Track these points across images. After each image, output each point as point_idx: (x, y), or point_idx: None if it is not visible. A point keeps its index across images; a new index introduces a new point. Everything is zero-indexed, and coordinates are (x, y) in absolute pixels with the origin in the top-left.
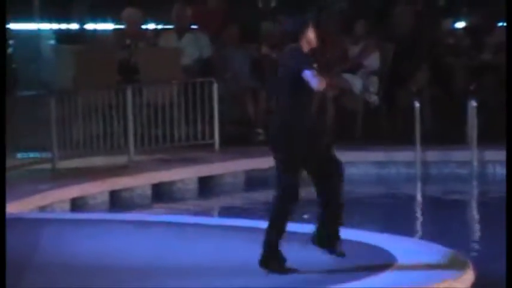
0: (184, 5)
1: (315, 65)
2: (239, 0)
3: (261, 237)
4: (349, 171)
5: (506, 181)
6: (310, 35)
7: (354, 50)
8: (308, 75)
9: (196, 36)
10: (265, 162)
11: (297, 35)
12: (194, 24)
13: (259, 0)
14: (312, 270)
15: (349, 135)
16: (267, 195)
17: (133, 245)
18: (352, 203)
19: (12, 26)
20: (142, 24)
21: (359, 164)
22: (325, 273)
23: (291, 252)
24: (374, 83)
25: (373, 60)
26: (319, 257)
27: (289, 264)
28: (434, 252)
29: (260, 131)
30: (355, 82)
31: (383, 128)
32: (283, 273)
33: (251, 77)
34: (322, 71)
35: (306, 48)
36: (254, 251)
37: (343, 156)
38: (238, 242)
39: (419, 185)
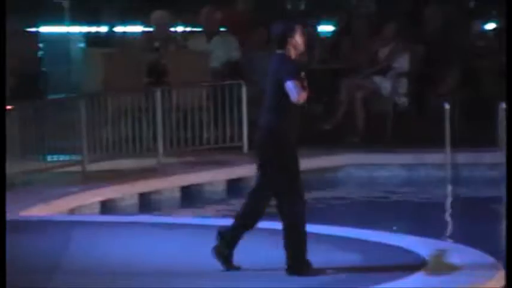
0: (213, 8)
1: (302, 74)
2: (268, 3)
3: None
4: (379, 173)
5: (507, 181)
6: (298, 40)
7: (384, 52)
8: (289, 86)
9: (224, 39)
10: None
11: (283, 40)
12: (223, 27)
13: (288, 3)
14: (341, 272)
15: (379, 137)
16: None
17: (162, 247)
18: (381, 205)
19: (43, 29)
20: (171, 27)
21: (388, 166)
22: (355, 275)
23: (320, 253)
24: (404, 84)
25: (402, 62)
26: (348, 258)
27: (317, 265)
28: (465, 254)
29: None
30: (385, 84)
31: (413, 130)
32: (313, 275)
33: None
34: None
35: (293, 53)
36: (280, 253)
37: (373, 158)
38: (267, 244)
39: (449, 187)
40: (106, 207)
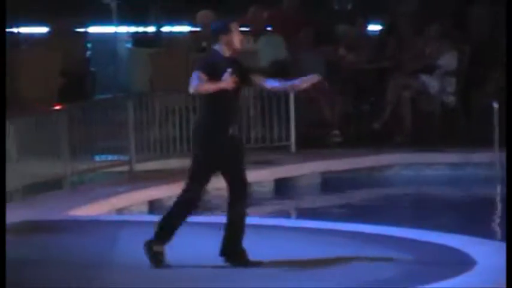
0: (260, 7)
1: (229, 70)
2: (315, 2)
3: (337, 239)
4: (426, 172)
5: (507, 181)
6: (233, 37)
7: (428, 51)
8: (192, 76)
9: (271, 38)
10: (341, 164)
11: (216, 36)
12: (269, 27)
13: (335, 3)
14: (389, 271)
15: (427, 137)
16: (343, 197)
17: (210, 247)
18: (429, 204)
19: (90, 29)
20: None
21: (436, 166)
22: (403, 274)
23: (368, 252)
24: (451, 83)
25: (449, 61)
26: (396, 257)
27: (365, 264)
28: None
29: (337, 132)
30: (433, 83)
31: (460, 129)
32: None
33: (327, 79)
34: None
35: (226, 50)
36: (329, 252)
37: (421, 157)
38: (314, 243)
39: (497, 187)
40: (154, 206)
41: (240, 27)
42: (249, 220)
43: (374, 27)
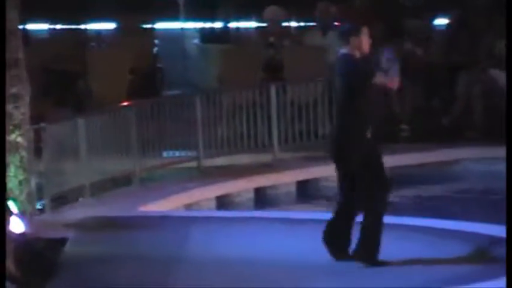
0: (329, 2)
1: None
2: None
3: (410, 234)
4: (496, 167)
5: (506, 181)
6: (362, 40)
7: (499, 46)
8: (381, 78)
9: None
10: (411, 158)
11: (347, 39)
12: (338, 22)
13: None
14: (465, 267)
15: (496, 132)
16: (413, 191)
17: (280, 243)
18: (500, 199)
19: (158, 25)
20: (285, 22)
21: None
22: (478, 270)
23: (444, 248)
24: None
25: None
26: (470, 252)
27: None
28: None
29: (406, 127)
30: (503, 78)
31: None
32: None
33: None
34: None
35: (357, 53)
36: (403, 247)
37: (490, 152)
38: (387, 239)
39: None
40: (222, 202)
41: (309, 22)
42: (318, 215)
43: (444, 21)
